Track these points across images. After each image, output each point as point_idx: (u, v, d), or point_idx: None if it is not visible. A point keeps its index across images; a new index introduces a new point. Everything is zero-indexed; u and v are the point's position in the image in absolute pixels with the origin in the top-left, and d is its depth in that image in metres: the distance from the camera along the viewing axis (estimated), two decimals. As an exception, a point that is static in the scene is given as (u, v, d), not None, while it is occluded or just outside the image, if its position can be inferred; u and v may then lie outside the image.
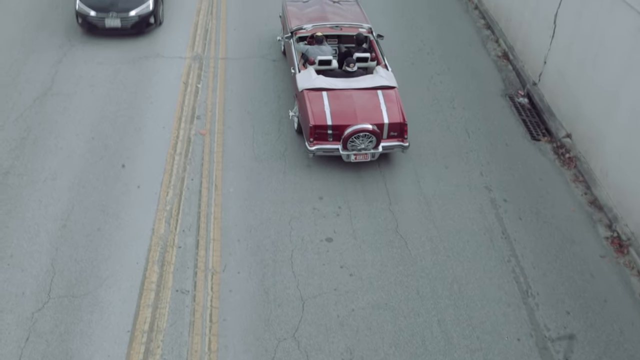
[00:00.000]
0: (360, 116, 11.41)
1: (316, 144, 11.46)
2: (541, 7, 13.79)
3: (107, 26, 14.84)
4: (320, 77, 11.93)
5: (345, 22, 13.71)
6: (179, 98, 13.39)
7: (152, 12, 15.10)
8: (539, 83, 13.93)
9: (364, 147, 11.45)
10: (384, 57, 12.98)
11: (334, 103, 11.57)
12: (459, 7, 17.51)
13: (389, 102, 11.70)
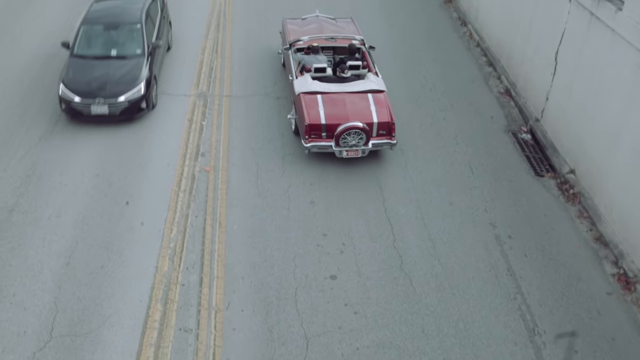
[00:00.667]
0: (351, 116, 12.49)
1: (311, 142, 12.53)
2: (542, 45, 13.95)
3: (93, 113, 13.30)
4: (315, 82, 13.13)
5: (339, 34, 15.04)
6: (184, 135, 13.48)
7: (143, 96, 13.56)
8: (541, 119, 14.00)
9: (354, 143, 12.48)
10: (374, 65, 14.12)
11: (328, 105, 12.72)
12: (461, 45, 17.71)
13: (378, 104, 12.81)
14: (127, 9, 15.05)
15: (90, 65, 13.78)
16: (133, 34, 14.36)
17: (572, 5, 12.56)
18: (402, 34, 18.05)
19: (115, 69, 13.70)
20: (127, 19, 14.60)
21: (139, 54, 14.08)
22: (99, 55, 14.04)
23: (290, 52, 14.51)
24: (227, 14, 18.67)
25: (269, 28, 17.92)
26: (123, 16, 14.71)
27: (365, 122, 12.42)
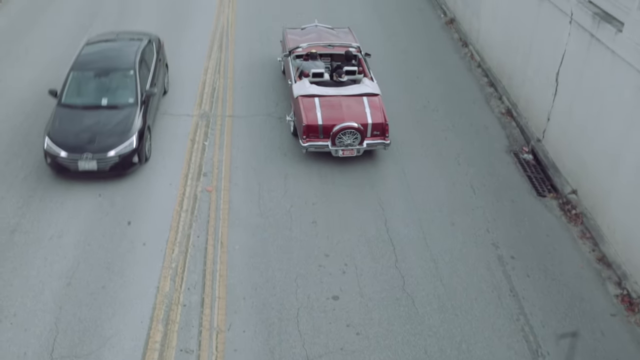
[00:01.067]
0: (347, 117, 13.15)
1: (308, 141, 13.16)
2: (543, 65, 14.02)
3: (80, 169, 12.27)
4: (313, 86, 13.76)
5: (336, 42, 15.72)
6: (186, 155, 13.51)
7: (135, 149, 12.51)
8: (543, 140, 14.03)
9: (350, 142, 13.14)
10: (370, 71, 14.75)
11: (325, 107, 13.36)
12: (462, 66, 17.81)
13: (372, 106, 13.46)
14: (121, 52, 14.16)
15: (78, 116, 12.79)
16: (126, 81, 13.40)
17: (572, 27, 12.65)
18: (404, 54, 18.16)
19: (106, 120, 12.72)
20: (119, 64, 13.67)
21: (132, 103, 13.08)
22: (88, 104, 13.04)
23: (290, 59, 15.18)
24: (229, 35, 18.81)
25: (271, 48, 18.04)
26: (115, 61, 13.79)
27: (360, 123, 13.08)
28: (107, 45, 14.74)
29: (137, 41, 14.73)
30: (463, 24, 19.58)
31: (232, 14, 20.13)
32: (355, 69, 14.26)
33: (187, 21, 19.55)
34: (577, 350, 9.44)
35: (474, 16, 18.60)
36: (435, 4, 21.71)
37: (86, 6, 20.35)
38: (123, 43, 14.72)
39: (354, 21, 19.73)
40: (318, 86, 13.76)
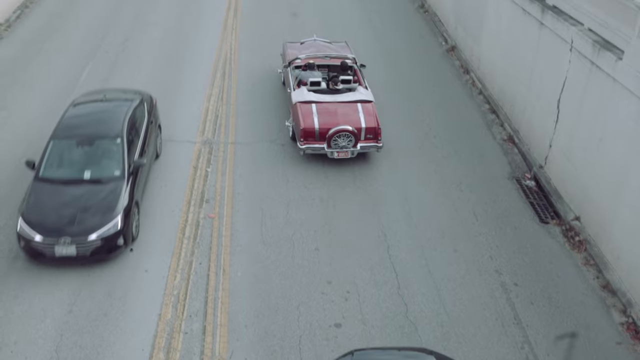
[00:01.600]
0: (342, 121, 13.94)
1: (306, 144, 13.94)
2: (544, 92, 14.10)
3: (57, 255, 10.72)
4: (310, 93, 14.62)
5: (333, 53, 16.63)
6: (189, 182, 13.54)
7: (120, 231, 11.05)
8: (545, 166, 14.05)
9: (344, 145, 13.95)
10: (364, 80, 15.69)
11: (321, 112, 14.18)
12: (464, 92, 17.91)
13: (366, 112, 14.27)
14: (108, 116, 12.76)
15: (57, 192, 11.33)
16: (112, 151, 11.95)
17: (573, 54, 12.75)
18: (405, 81, 18.28)
19: (88, 196, 11.26)
20: (105, 131, 12.23)
21: (118, 176, 11.63)
22: (68, 178, 11.58)
23: (289, 70, 15.98)
24: (232, 62, 18.97)
25: (273, 77, 18.17)
26: (101, 127, 12.36)
27: (354, 127, 13.89)
28: (93, 107, 13.35)
29: (126, 102, 13.39)
30: (464, 51, 19.74)
31: (235, 42, 20.32)
32: (351, 78, 15.15)
33: (191, 49, 19.73)
34: (583, 379, 9.34)
35: (474, 43, 18.76)
36: (437, 31, 21.91)
37: (93, 32, 20.57)
38: (111, 105, 13.34)
39: (355, 49, 19.89)
40: (315, 93, 14.63)
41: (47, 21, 21.60)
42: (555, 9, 13.83)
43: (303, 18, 22.40)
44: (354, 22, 22.13)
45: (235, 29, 21.34)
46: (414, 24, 22.60)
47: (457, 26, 20.50)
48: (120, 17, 21.88)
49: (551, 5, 14.03)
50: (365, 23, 22.26)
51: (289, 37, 19.93)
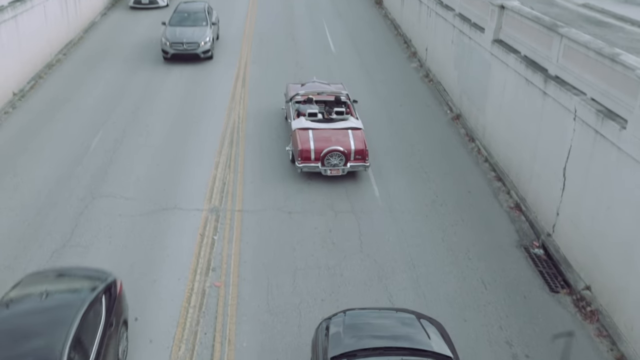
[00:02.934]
0: (334, 143, 16.09)
1: (303, 163, 16.05)
2: (550, 161, 14.18)
3: None
4: (308, 122, 16.89)
5: (328, 90, 19.05)
6: (195, 250, 13.50)
7: None
8: (553, 234, 13.97)
9: (336, 163, 16.07)
10: (355, 112, 18.09)
11: (317, 136, 16.36)
12: (470, 160, 18.03)
13: (355, 137, 16.45)
14: (43, 329, 8.63)
15: None
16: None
17: (577, 123, 12.89)
18: (411, 148, 18.45)
19: None
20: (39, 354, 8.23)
21: None
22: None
23: (290, 104, 18.34)
24: (240, 131, 19.25)
25: (280, 144, 18.38)
26: (32, 351, 8.27)
27: (344, 148, 16.01)
28: (27, 307, 9.30)
29: (75, 300, 9.31)
30: (469, 119, 20.00)
31: (243, 111, 20.67)
32: (344, 109, 17.64)
33: (199, 117, 20.07)
34: None
35: (479, 112, 19.03)
36: (442, 100, 22.27)
37: (104, 101, 21.00)
38: (53, 304, 9.30)
39: (361, 117, 20.21)
40: (312, 122, 16.91)
41: (60, 91, 22.11)
42: (557, 79, 14.09)
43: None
44: (361, 91, 22.54)
45: (244, 98, 21.75)
46: (419, 93, 23.00)
47: (461, 95, 20.85)
48: (131, 87, 22.38)
49: (553, 75, 14.29)
50: (371, 92, 22.67)
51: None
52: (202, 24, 25.74)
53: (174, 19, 26.14)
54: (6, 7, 21.04)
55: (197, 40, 24.71)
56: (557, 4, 29.29)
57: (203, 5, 27.22)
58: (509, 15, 17.25)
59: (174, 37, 24.82)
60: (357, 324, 9.46)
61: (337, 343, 8.99)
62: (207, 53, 25.01)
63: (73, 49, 26.50)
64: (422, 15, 26.33)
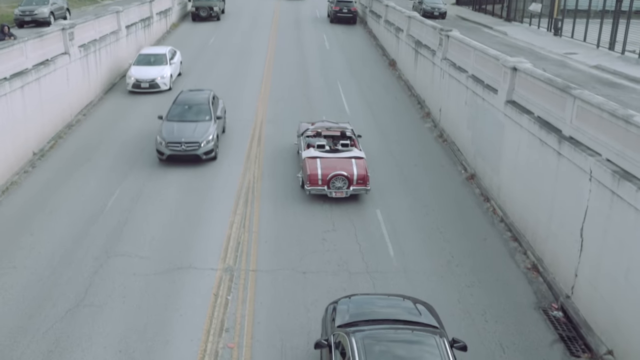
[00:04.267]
0: (338, 169, 18.39)
1: (311, 186, 18.31)
2: (566, 221, 14.07)
3: None
4: (316, 152, 19.32)
5: (336, 126, 21.51)
6: (209, 310, 13.40)
7: None
8: (572, 296, 13.72)
9: (340, 186, 18.28)
10: (359, 145, 20.46)
11: (323, 164, 18.71)
12: (485, 220, 17.94)
13: (358, 164, 18.77)
14: None
15: None
16: None
17: (593, 184, 12.85)
18: (425, 208, 18.42)
19: None
20: None
21: None
22: None
23: (302, 138, 20.70)
24: (254, 191, 19.36)
25: (295, 204, 18.43)
26: None
27: (348, 173, 18.30)
28: None
29: None
30: (484, 179, 20.00)
31: (258, 171, 20.85)
32: (349, 142, 20.08)
33: (215, 176, 20.24)
34: None
35: (493, 172, 19.04)
36: (456, 160, 22.35)
37: (121, 160, 21.29)
38: None
39: (376, 177, 20.29)
40: (320, 152, 19.25)
41: (79, 151, 22.48)
42: (572, 139, 14.13)
43: (324, 147, 23.05)
44: (375, 150, 22.70)
45: (259, 157, 21.96)
46: (433, 153, 23.12)
47: (475, 155, 20.93)
48: (150, 144, 22.70)
49: (568, 136, 14.34)
50: (386, 151, 22.82)
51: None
52: (205, 118, 21.85)
53: (172, 112, 22.25)
54: (30, 70, 21.69)
55: (198, 140, 20.80)
56: (569, 65, 29.69)
57: (207, 95, 23.49)
58: (522, 77, 17.47)
59: (171, 135, 20.84)
60: (360, 304, 11.31)
61: (342, 316, 10.79)
62: (210, 154, 21.04)
63: (93, 110, 27.09)
64: (436, 77, 26.73)
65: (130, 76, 29.89)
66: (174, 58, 31.92)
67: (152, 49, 32.92)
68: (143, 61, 30.77)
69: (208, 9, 48.50)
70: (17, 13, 37.89)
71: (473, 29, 43.60)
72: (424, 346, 9.75)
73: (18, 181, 19.73)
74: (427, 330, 10.23)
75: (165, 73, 30.17)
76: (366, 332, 9.92)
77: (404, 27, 34.49)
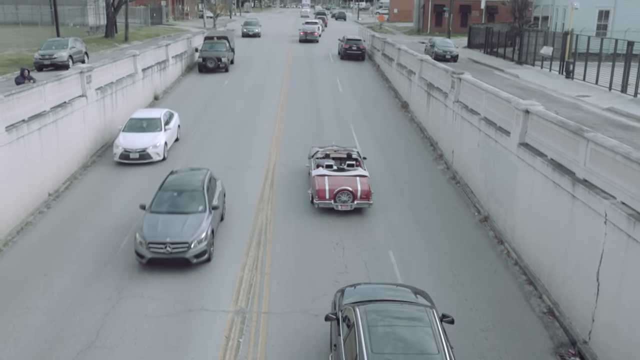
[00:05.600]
0: (344, 185, 20.60)
1: (319, 200, 20.50)
2: (582, 264, 13.90)
3: None
4: (325, 170, 21.52)
5: (343, 149, 24.04)
6: (220, 353, 13.28)
7: None
8: (589, 341, 13.46)
9: (345, 199, 20.42)
10: (363, 165, 22.71)
11: (331, 181, 20.85)
12: (499, 263, 17.77)
13: (362, 182, 20.91)
14: None
15: None
16: None
17: (608, 227, 12.74)
18: (438, 250, 18.30)
19: None
20: None
21: None
22: None
23: (312, 159, 23.01)
24: (267, 232, 19.36)
25: (308, 246, 18.39)
26: None
27: (352, 188, 20.47)
28: None
29: None
30: (497, 221, 19.89)
31: (271, 212, 20.89)
32: (354, 163, 22.24)
33: (228, 218, 20.28)
34: None
35: (507, 214, 18.94)
36: (469, 202, 22.28)
37: (136, 201, 21.43)
38: None
39: (388, 219, 20.24)
40: (328, 171, 21.45)
41: (94, 192, 22.67)
42: (586, 182, 14.08)
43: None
44: (387, 192, 22.71)
45: (271, 199, 22.03)
46: (446, 195, 23.08)
47: (489, 197, 20.86)
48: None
49: (581, 179, 14.30)
50: (398, 193, 22.82)
51: (321, 211, 20.50)
52: (198, 209, 17.48)
53: (157, 201, 17.88)
54: (48, 112, 22.08)
55: (187, 239, 16.47)
56: (581, 108, 29.78)
57: (202, 177, 18.99)
58: (534, 120, 17.53)
59: (153, 234, 16.57)
60: (364, 290, 13.10)
61: (349, 296, 12.62)
62: (202, 256, 16.71)
63: (108, 151, 27.40)
64: (448, 119, 26.88)
65: (118, 145, 25.54)
66: (170, 122, 27.76)
67: (145, 112, 28.59)
68: (134, 127, 26.61)
69: (216, 59, 45.82)
70: (37, 57, 38.78)
71: (485, 71, 43.99)
72: (417, 316, 11.46)
73: (33, 221, 19.88)
74: (420, 305, 12.06)
75: (159, 141, 26.03)
76: (368, 305, 11.74)
77: (416, 70, 34.86)
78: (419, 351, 10.50)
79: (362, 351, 10.40)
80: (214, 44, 47.91)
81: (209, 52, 46.34)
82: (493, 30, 57.21)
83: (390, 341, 10.68)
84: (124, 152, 25.37)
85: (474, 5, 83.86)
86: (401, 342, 10.67)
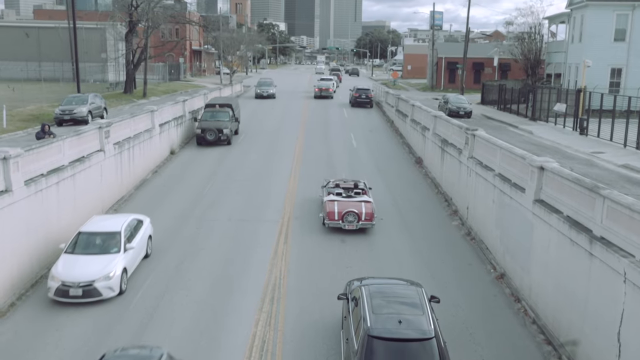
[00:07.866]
0: (350, 207, 23.95)
1: (329, 221, 23.86)
2: (601, 324, 13.61)
3: None
4: (335, 197, 24.88)
5: (351, 180, 27.57)
6: (232, 413, 12.99)
7: None
8: (611, 405, 13.05)
9: (351, 220, 23.75)
10: (369, 193, 26.12)
11: (339, 204, 24.23)
12: (516, 322, 17.43)
13: (366, 206, 24.29)
14: None
15: None
16: None
17: (627, 286, 12.52)
18: (454, 308, 18.00)
19: None
20: None
21: None
22: None
23: (324, 189, 26.65)
24: (281, 287, 19.21)
25: (321, 303, 18.19)
26: None
27: (357, 211, 23.85)
28: None
29: None
30: (514, 279, 19.61)
31: (284, 267, 20.78)
32: (360, 191, 25.65)
33: (240, 273, 20.19)
34: None
35: (524, 272, 18.69)
36: (484, 258, 22.04)
37: (153, 250, 21.38)
38: None
39: (403, 274, 20.07)
40: (337, 197, 24.77)
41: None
42: (603, 240, 13.92)
43: (350, 244, 23.00)
44: (401, 249, 22.57)
45: (285, 254, 21.95)
46: (461, 251, 22.88)
47: (504, 254, 20.64)
48: (176, 240, 22.90)
49: (599, 236, 14.14)
50: (413, 250, 22.67)
51: (339, 260, 20.32)
52: None
53: None
54: (66, 167, 22.40)
55: None
56: (596, 164, 29.70)
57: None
58: (549, 177, 17.49)
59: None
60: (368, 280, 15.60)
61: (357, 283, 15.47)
62: None
63: (124, 205, 27.62)
64: (462, 175, 26.89)
65: (54, 276, 17.80)
66: (135, 236, 20.15)
67: (102, 222, 20.34)
68: (83, 245, 19.06)
69: (216, 131, 39.42)
70: (57, 112, 39.59)
71: (499, 127, 44.22)
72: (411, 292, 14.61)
73: (46, 274, 19.89)
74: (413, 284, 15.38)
75: (113, 269, 18.17)
76: (372, 285, 14.89)
77: (430, 126, 35.13)
78: (410, 313, 13.60)
79: (366, 313, 13.37)
80: (215, 113, 41.59)
81: (210, 122, 40.46)
82: (506, 87, 57.78)
83: (388, 306, 13.80)
84: (61, 286, 17.57)
85: (486, 63, 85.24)
86: (395, 307, 13.82)
